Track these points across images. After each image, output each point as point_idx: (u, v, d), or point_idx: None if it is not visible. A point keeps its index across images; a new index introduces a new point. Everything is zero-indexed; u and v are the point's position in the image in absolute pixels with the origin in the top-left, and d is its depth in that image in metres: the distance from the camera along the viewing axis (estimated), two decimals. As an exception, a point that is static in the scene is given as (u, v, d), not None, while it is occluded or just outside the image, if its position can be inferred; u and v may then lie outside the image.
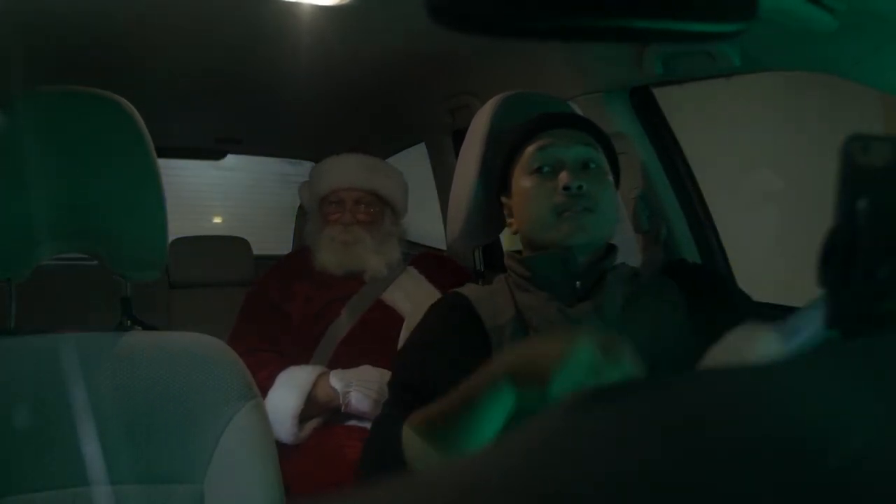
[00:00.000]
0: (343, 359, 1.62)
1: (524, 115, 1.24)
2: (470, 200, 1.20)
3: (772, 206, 2.40)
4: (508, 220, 1.13)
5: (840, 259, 0.38)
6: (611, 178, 1.09)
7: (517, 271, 1.08)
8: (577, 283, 1.03)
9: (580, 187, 1.01)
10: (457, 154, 1.34)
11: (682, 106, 1.47)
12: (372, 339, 1.63)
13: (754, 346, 0.56)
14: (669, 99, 1.42)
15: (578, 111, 1.33)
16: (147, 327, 1.04)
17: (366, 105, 2.01)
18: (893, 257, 0.37)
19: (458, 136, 1.86)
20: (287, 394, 1.51)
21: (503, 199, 1.14)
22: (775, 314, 0.54)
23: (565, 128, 1.08)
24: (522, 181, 1.07)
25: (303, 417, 1.53)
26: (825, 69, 1.02)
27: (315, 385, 1.53)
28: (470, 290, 1.09)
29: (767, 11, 0.91)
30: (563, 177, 1.02)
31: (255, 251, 2.45)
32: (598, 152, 1.07)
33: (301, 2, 1.27)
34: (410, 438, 0.86)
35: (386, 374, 1.52)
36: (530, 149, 1.07)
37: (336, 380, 1.52)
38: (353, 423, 1.57)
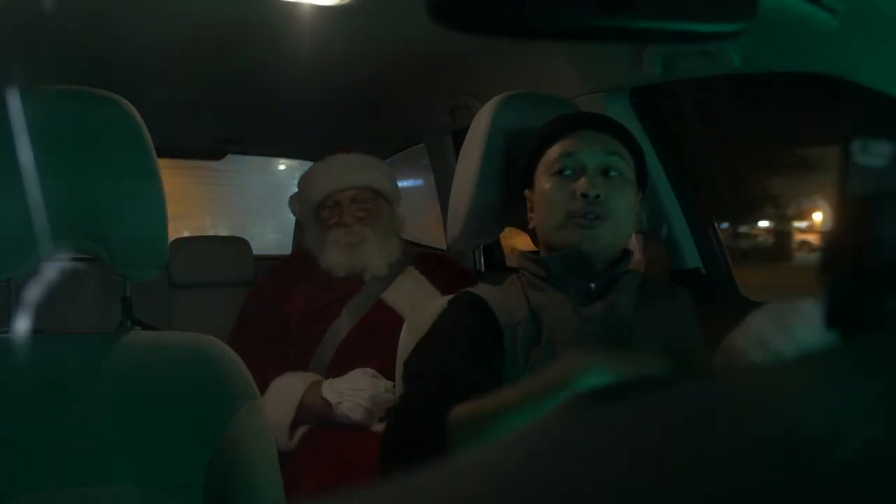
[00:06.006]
0: (344, 360, 1.62)
1: (525, 116, 1.24)
2: (470, 200, 1.20)
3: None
4: (529, 216, 1.14)
5: (840, 259, 0.38)
6: (632, 185, 1.09)
7: (532, 270, 1.08)
8: (592, 284, 1.04)
9: (597, 196, 1.02)
10: (457, 154, 1.34)
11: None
12: (372, 340, 1.63)
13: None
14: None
15: None
16: (147, 327, 1.04)
17: (366, 105, 2.01)
18: (893, 257, 0.37)
19: (459, 136, 1.86)
20: (278, 404, 1.52)
21: (526, 194, 1.14)
22: None
23: (594, 130, 1.08)
24: (543, 181, 1.08)
25: (294, 425, 1.53)
26: (825, 69, 1.02)
27: (306, 395, 1.54)
28: (482, 289, 1.09)
29: (767, 11, 0.91)
30: (581, 183, 1.03)
31: (255, 251, 2.45)
32: (623, 158, 1.07)
33: (301, 2, 1.27)
34: (457, 429, 0.83)
35: (379, 380, 1.52)
36: (555, 149, 1.08)
37: (328, 391, 1.52)
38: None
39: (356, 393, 1.51)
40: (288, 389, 1.55)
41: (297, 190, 1.92)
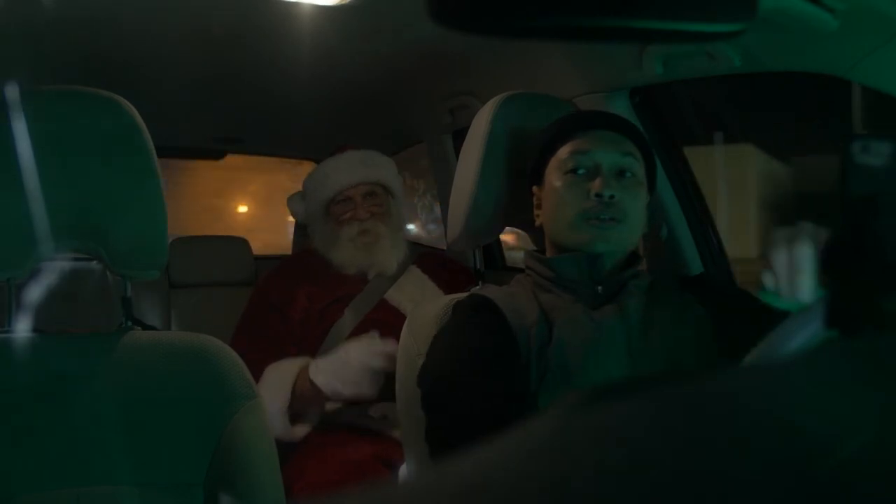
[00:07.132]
0: None
1: (525, 116, 1.24)
2: (470, 200, 1.20)
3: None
4: (536, 212, 1.12)
5: (841, 259, 0.38)
6: (643, 188, 1.08)
7: (539, 271, 1.07)
8: (599, 287, 1.02)
9: (612, 197, 1.01)
10: (457, 154, 1.34)
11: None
12: None
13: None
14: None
15: None
16: (147, 327, 1.04)
17: (366, 105, 2.01)
18: (893, 258, 0.37)
19: (459, 136, 1.86)
20: (271, 390, 1.51)
21: (534, 190, 1.13)
22: None
23: (607, 129, 1.07)
24: (555, 179, 1.06)
25: (294, 412, 1.53)
26: (825, 69, 1.02)
27: (298, 380, 1.53)
28: (489, 290, 1.07)
29: (767, 11, 0.91)
30: (597, 183, 1.02)
31: (255, 251, 2.45)
32: (636, 160, 1.06)
33: (301, 2, 1.27)
34: None
35: (365, 345, 1.49)
36: (568, 147, 1.06)
37: (314, 372, 1.51)
38: (355, 422, 1.57)
39: (343, 367, 1.49)
40: (279, 374, 1.54)
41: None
